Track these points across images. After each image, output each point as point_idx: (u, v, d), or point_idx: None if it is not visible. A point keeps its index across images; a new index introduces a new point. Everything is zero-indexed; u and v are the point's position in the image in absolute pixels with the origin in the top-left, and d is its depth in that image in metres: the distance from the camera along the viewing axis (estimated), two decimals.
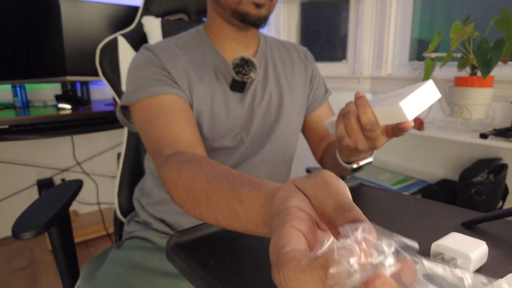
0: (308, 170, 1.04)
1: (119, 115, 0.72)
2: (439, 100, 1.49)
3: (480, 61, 1.14)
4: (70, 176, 2.17)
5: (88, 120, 1.60)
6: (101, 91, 2.17)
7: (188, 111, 0.67)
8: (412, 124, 0.53)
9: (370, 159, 0.67)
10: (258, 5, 0.67)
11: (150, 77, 0.67)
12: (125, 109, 0.72)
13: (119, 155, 1.02)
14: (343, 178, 0.90)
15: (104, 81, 0.97)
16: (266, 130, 0.79)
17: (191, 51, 0.75)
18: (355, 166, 0.66)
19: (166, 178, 0.52)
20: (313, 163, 0.98)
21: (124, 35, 1.00)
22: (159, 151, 0.59)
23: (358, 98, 0.54)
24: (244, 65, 0.69)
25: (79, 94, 2.00)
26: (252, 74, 0.71)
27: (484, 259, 0.43)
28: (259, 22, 0.70)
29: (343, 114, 0.56)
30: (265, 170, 0.80)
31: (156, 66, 0.69)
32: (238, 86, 0.74)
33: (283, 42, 0.89)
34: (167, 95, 0.65)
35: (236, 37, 0.75)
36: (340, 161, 0.67)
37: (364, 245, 0.24)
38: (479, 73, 1.21)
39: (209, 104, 0.72)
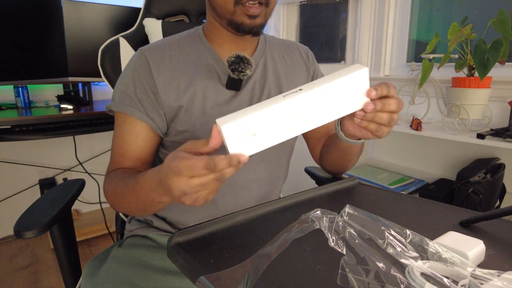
0: (307, 170, 1.05)
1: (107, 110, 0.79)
2: (437, 100, 1.50)
3: (478, 62, 1.15)
4: (72, 176, 2.18)
5: (90, 121, 1.61)
6: (102, 92, 2.18)
7: (146, 140, 0.74)
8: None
9: None
10: (251, 16, 0.68)
11: (132, 95, 0.72)
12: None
13: None
14: (340, 178, 0.91)
15: (106, 82, 0.98)
16: None
17: (186, 50, 0.77)
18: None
19: (107, 188, 0.70)
20: (312, 163, 0.99)
21: (125, 37, 1.01)
22: (112, 161, 0.74)
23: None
24: (239, 62, 0.70)
25: (81, 94, 2.02)
26: (248, 71, 0.71)
27: (481, 258, 0.44)
28: (254, 31, 0.70)
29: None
30: (263, 169, 0.81)
31: (141, 81, 0.72)
32: (234, 84, 0.75)
33: (285, 41, 0.90)
34: (135, 121, 0.72)
35: (235, 40, 0.76)
36: (355, 140, 0.68)
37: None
38: (476, 74, 1.22)
39: (201, 104, 0.73)
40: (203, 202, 0.50)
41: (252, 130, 0.48)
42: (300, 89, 0.50)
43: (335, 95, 0.51)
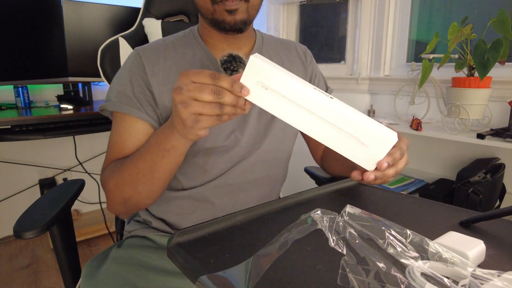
0: (307, 170, 1.05)
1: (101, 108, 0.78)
2: (437, 100, 1.50)
3: (478, 62, 1.15)
4: (72, 176, 2.18)
5: (90, 121, 1.61)
6: (102, 92, 2.18)
7: (146, 137, 0.72)
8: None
9: None
10: (230, 11, 0.67)
11: (130, 94, 0.72)
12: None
13: None
14: (340, 178, 0.91)
15: (105, 82, 0.99)
16: (262, 130, 0.79)
17: (181, 50, 0.76)
18: None
19: (107, 174, 0.70)
20: (312, 163, 0.99)
21: (125, 37, 1.01)
22: (109, 158, 0.73)
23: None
24: (231, 61, 0.69)
25: (81, 94, 2.02)
26: (241, 70, 0.70)
27: (481, 258, 0.44)
28: (236, 27, 0.69)
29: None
30: (262, 170, 0.81)
31: (138, 81, 0.72)
32: None
33: (282, 41, 0.90)
34: (134, 119, 0.71)
35: (226, 39, 0.76)
36: None
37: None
38: (476, 74, 1.22)
39: None
40: (191, 118, 0.51)
41: (268, 83, 0.49)
42: (331, 97, 0.50)
43: (352, 131, 0.50)
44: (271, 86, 0.49)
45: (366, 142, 0.51)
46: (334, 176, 0.92)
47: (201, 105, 0.50)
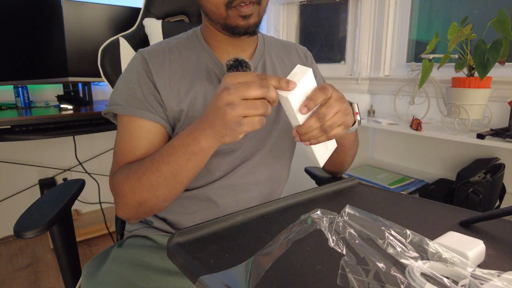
0: (307, 170, 1.05)
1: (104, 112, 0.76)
2: (437, 100, 1.50)
3: (478, 62, 1.15)
4: (72, 176, 2.18)
5: (90, 121, 1.61)
6: (102, 92, 2.18)
7: (158, 137, 0.71)
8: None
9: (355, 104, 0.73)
10: (245, 16, 0.67)
11: (137, 96, 0.71)
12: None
13: None
14: (340, 178, 0.91)
15: (106, 82, 0.99)
16: (265, 132, 0.79)
17: (185, 53, 0.76)
18: (358, 118, 0.72)
19: (119, 178, 0.66)
20: (312, 163, 0.99)
21: (125, 37, 1.01)
22: (118, 161, 0.71)
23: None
24: (238, 65, 0.69)
25: (81, 94, 2.02)
26: None
27: (481, 258, 0.44)
28: (250, 31, 0.70)
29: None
30: (264, 172, 0.81)
31: (147, 83, 0.72)
32: None
33: (283, 42, 0.90)
34: (145, 121, 0.70)
35: (232, 42, 0.76)
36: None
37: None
38: (476, 74, 1.22)
39: (202, 108, 0.73)
40: (235, 120, 0.52)
41: (306, 89, 0.56)
42: None
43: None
44: (306, 91, 0.56)
45: (329, 147, 0.67)
46: (333, 171, 0.93)
47: (248, 105, 0.50)
